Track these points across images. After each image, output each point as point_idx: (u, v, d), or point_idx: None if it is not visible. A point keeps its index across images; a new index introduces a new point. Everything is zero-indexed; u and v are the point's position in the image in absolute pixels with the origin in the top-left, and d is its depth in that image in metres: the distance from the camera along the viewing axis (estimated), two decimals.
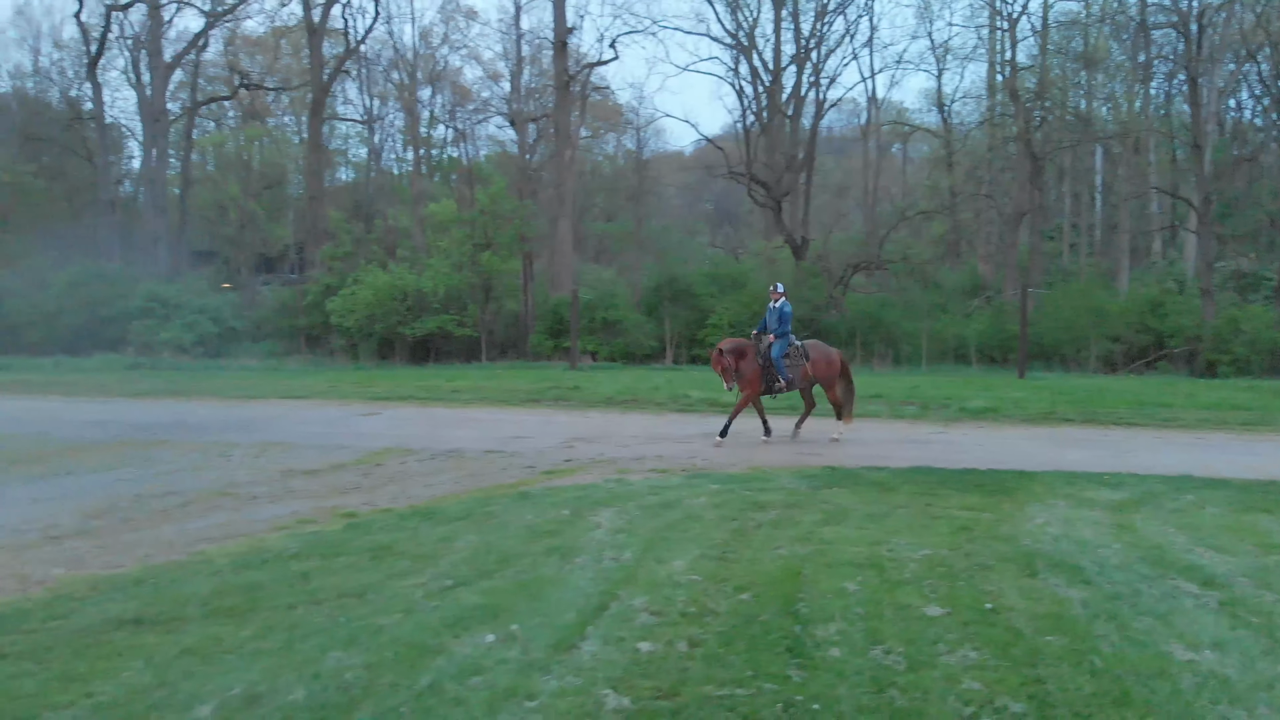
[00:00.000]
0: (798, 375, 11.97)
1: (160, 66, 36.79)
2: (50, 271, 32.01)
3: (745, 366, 11.58)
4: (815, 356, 12.09)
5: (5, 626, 4.77)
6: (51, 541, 6.69)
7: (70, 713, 3.69)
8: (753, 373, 11.64)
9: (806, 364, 11.95)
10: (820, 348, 12.43)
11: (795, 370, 11.92)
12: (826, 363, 12.16)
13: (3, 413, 14.28)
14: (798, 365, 11.93)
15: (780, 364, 11.76)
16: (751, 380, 11.63)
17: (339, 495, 8.26)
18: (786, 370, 11.80)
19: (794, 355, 11.95)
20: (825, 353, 12.31)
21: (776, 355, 11.76)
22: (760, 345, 11.87)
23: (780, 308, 11.94)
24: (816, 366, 12.04)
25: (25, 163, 39.21)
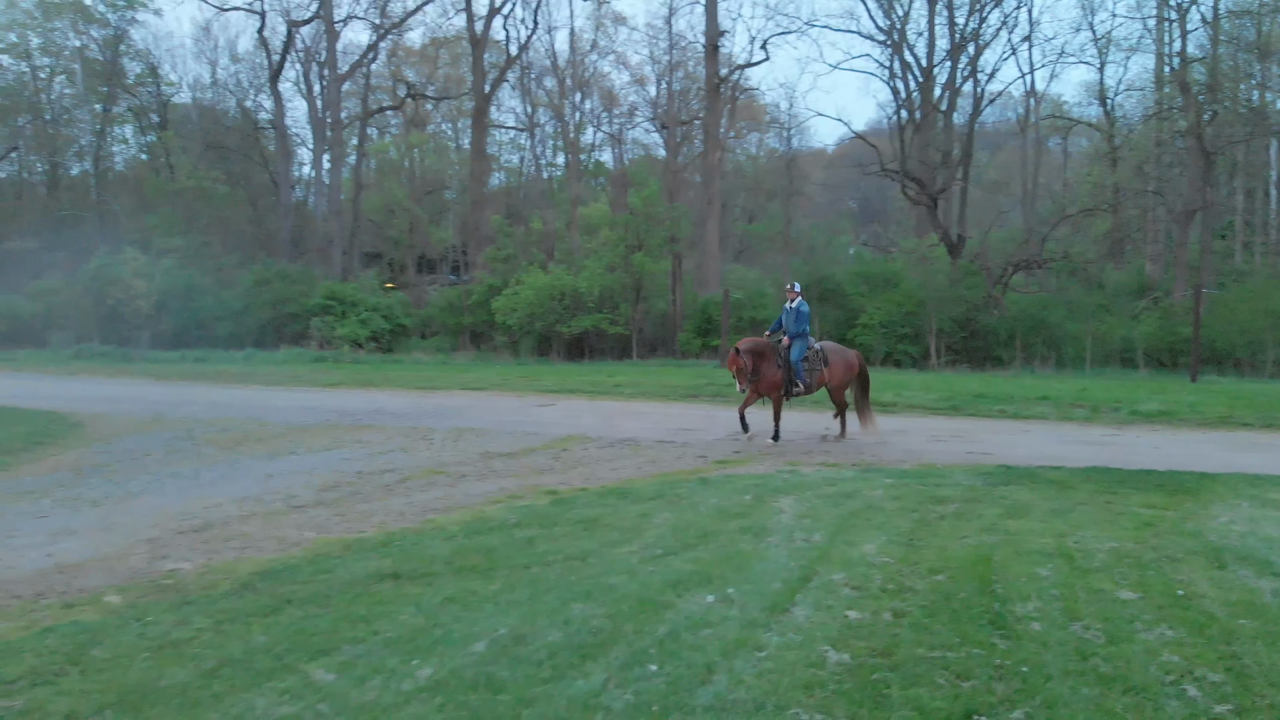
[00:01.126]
0: (815, 380, 11.61)
1: (334, 78, 39.35)
2: (236, 271, 34.87)
3: (767, 369, 11.22)
4: (834, 361, 11.75)
5: (282, 578, 5.61)
6: (296, 510, 7.64)
7: (365, 645, 4.40)
8: (775, 376, 11.30)
9: (825, 370, 11.63)
10: (838, 351, 12.09)
11: (814, 375, 11.57)
12: (845, 366, 11.83)
13: (217, 400, 15.85)
14: (816, 370, 11.59)
15: (799, 367, 11.41)
16: (775, 384, 11.31)
17: (536, 475, 9.00)
18: (805, 374, 11.47)
19: (812, 359, 11.60)
20: (844, 356, 11.98)
21: (796, 358, 11.41)
22: (779, 347, 11.51)
23: (798, 307, 11.54)
24: (834, 371, 11.72)
25: (208, 169, 42.52)
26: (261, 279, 31.67)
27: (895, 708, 3.59)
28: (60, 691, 3.89)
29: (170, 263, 31.20)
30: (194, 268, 33.09)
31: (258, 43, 45.76)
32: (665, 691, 3.71)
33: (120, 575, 5.78)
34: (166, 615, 4.86)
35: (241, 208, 43.51)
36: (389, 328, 30.81)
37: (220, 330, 30.80)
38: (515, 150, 53.63)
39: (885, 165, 32.87)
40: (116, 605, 5.15)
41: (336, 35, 39.08)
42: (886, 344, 26.18)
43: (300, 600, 5.08)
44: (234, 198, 42.05)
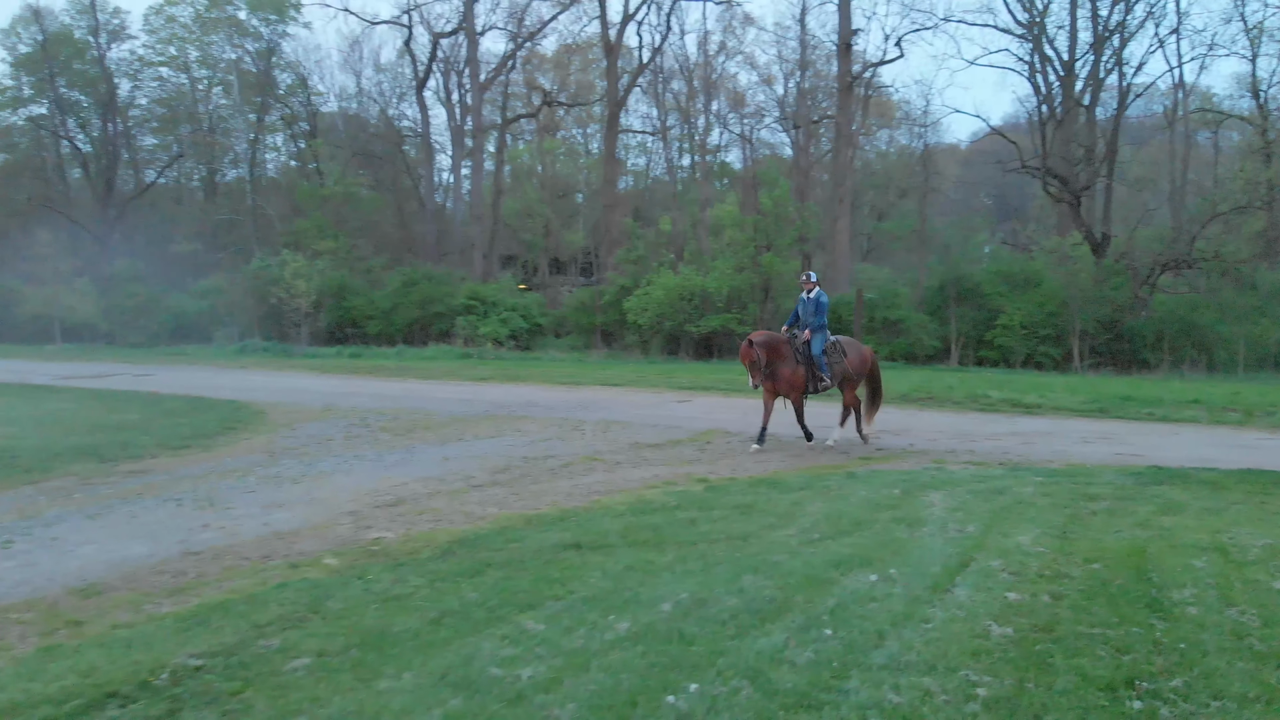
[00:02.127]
0: (837, 373, 11.25)
1: (475, 87, 40.96)
2: (384, 272, 36.79)
3: (784, 368, 10.77)
4: (850, 354, 11.46)
5: (478, 546, 6.23)
6: (475, 489, 8.33)
7: (564, 602, 4.93)
8: (794, 374, 10.85)
9: (845, 362, 11.31)
10: (854, 345, 11.81)
11: (836, 368, 11.21)
12: (860, 360, 11.53)
13: (380, 392, 16.97)
14: (838, 362, 11.24)
15: (822, 360, 11.01)
16: (795, 383, 10.88)
17: (686, 464, 9.48)
18: (828, 366, 11.09)
19: (832, 351, 11.27)
20: (859, 350, 11.72)
21: (818, 352, 10.99)
22: (796, 341, 11.04)
23: (816, 298, 11.10)
24: (852, 364, 11.42)
25: (355, 175, 44.79)
26: (409, 280, 33.35)
27: (1059, 673, 3.86)
28: (308, 634, 4.55)
29: (324, 264, 33.19)
30: (345, 269, 35.09)
31: (400, 54, 48.22)
32: (842, 651, 4.08)
33: (332, 541, 6.53)
34: (384, 575, 5.53)
35: (386, 212, 45.72)
36: (526, 326, 31.99)
37: (371, 328, 32.59)
38: (643, 153, 54.50)
39: (1025, 162, 32.05)
40: (336, 566, 5.86)
41: (477, 45, 40.67)
42: (1027, 346, 25.62)
43: (498, 564, 5.68)
44: (378, 202, 44.24)
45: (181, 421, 11.94)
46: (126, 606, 5.12)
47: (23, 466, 8.97)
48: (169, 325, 33.73)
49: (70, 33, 48.21)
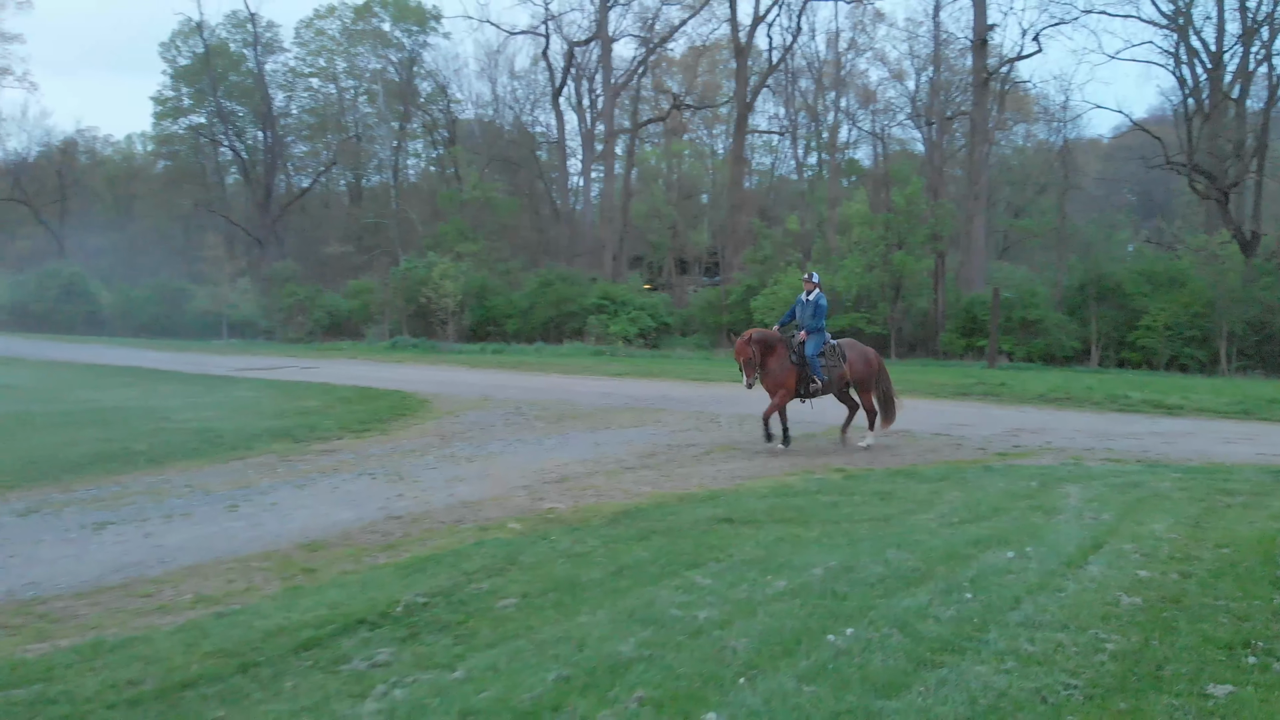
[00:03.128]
0: (834, 377, 11.03)
1: (608, 93, 42.13)
2: (521, 274, 38.32)
3: (777, 366, 10.63)
4: (852, 357, 11.24)
5: (639, 517, 6.93)
6: (627, 470, 9.07)
7: (725, 564, 5.56)
8: (786, 374, 10.66)
9: (844, 365, 11.09)
10: (857, 347, 11.59)
11: (832, 371, 10.99)
12: (864, 363, 11.30)
13: (526, 385, 18.00)
14: (834, 366, 11.02)
15: (816, 363, 10.80)
16: (785, 382, 10.68)
17: (823, 456, 9.99)
18: (823, 370, 10.86)
19: (830, 354, 11.03)
20: (862, 352, 11.48)
21: (812, 353, 10.78)
22: (792, 341, 10.89)
23: (815, 299, 10.88)
24: (854, 368, 11.17)
25: (491, 180, 46.58)
26: (545, 281, 34.70)
27: (1182, 635, 4.26)
28: (510, 580, 5.33)
29: (466, 266, 34.88)
30: (485, 270, 36.75)
31: (534, 61, 49.98)
32: (981, 611, 4.58)
33: (512, 510, 7.36)
34: (564, 537, 6.29)
35: (522, 215, 47.47)
36: (654, 325, 32.84)
37: (510, 326, 34.09)
38: (769, 152, 54.65)
39: (1170, 157, 30.89)
40: (520, 530, 6.67)
41: (610, 52, 41.79)
42: (1171, 347, 24.84)
43: (661, 532, 6.37)
44: (514, 206, 45.95)
45: (357, 408, 13.17)
46: (347, 559, 6.04)
47: (228, 444, 10.21)
48: (323, 322, 36.05)
49: (226, 46, 51.91)
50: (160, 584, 5.45)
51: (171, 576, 5.59)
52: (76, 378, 17.49)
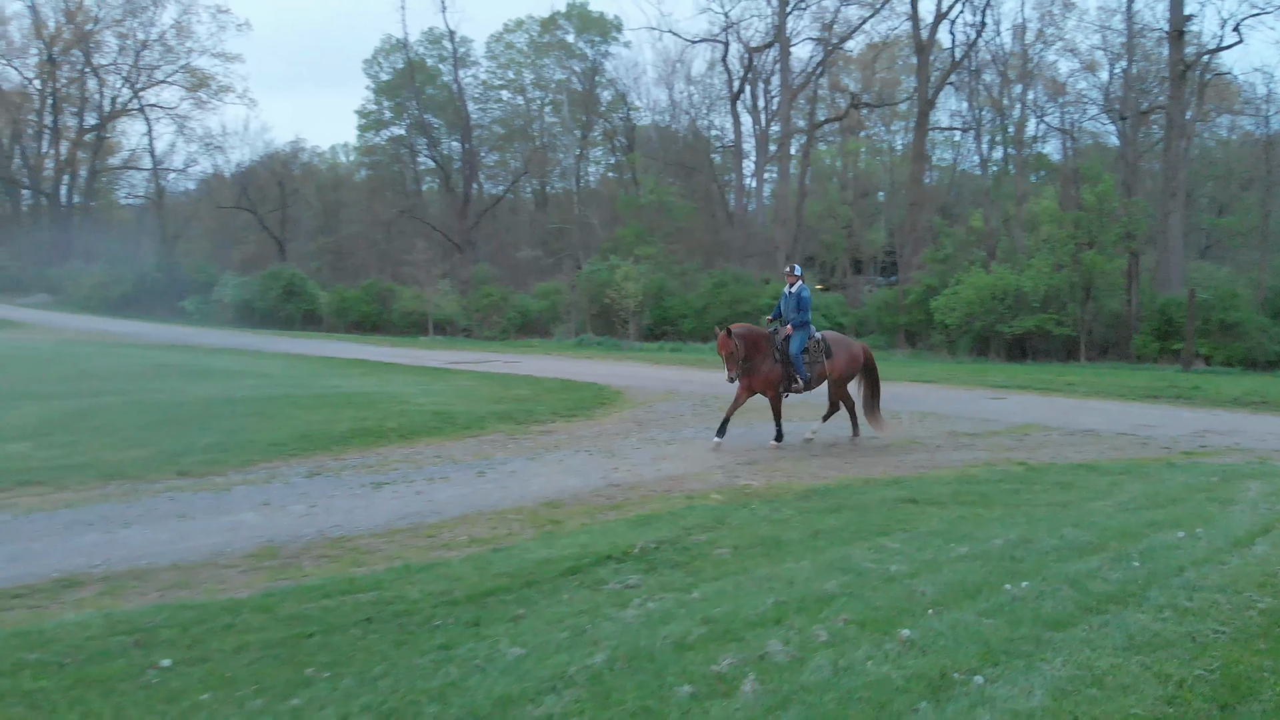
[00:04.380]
0: (816, 374, 10.80)
1: (785, 96, 42.64)
2: (695, 275, 39.41)
3: (761, 364, 10.44)
4: (837, 353, 11.04)
5: (827, 495, 7.74)
6: (813, 457, 9.91)
7: (911, 533, 6.29)
8: (771, 372, 10.51)
9: (826, 362, 10.90)
10: (842, 342, 11.37)
11: (814, 368, 10.77)
12: (849, 359, 11.15)
13: (707, 379, 18.92)
14: (818, 363, 10.81)
15: (799, 361, 10.60)
16: (771, 380, 10.54)
17: (1004, 451, 10.44)
18: (806, 368, 10.65)
19: (814, 351, 10.82)
20: (848, 348, 11.28)
21: (795, 351, 10.60)
22: (776, 338, 10.69)
23: (798, 292, 10.71)
24: (837, 364, 11.01)
25: (668, 185, 47.87)
26: (719, 282, 35.66)
27: None
28: (722, 535, 6.28)
29: (645, 268, 36.31)
30: (662, 272, 38.10)
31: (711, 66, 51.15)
32: (1146, 576, 5.15)
33: (712, 484, 8.35)
34: (762, 507, 7.20)
35: (696, 218, 48.67)
36: (829, 326, 33.09)
37: (685, 326, 35.26)
38: (950, 148, 53.49)
39: None
40: (721, 500, 7.63)
41: (789, 55, 42.30)
42: None
43: (850, 507, 7.18)
44: (689, 209, 47.19)
45: (562, 397, 14.54)
46: (583, 515, 7.18)
47: (462, 424, 11.68)
48: (516, 321, 38.39)
49: (424, 61, 55.71)
50: (438, 529, 6.74)
51: (446, 524, 6.88)
52: (316, 368, 19.85)
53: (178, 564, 5.78)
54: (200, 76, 54.03)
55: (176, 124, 54.67)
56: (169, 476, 8.30)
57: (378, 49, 57.01)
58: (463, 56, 55.54)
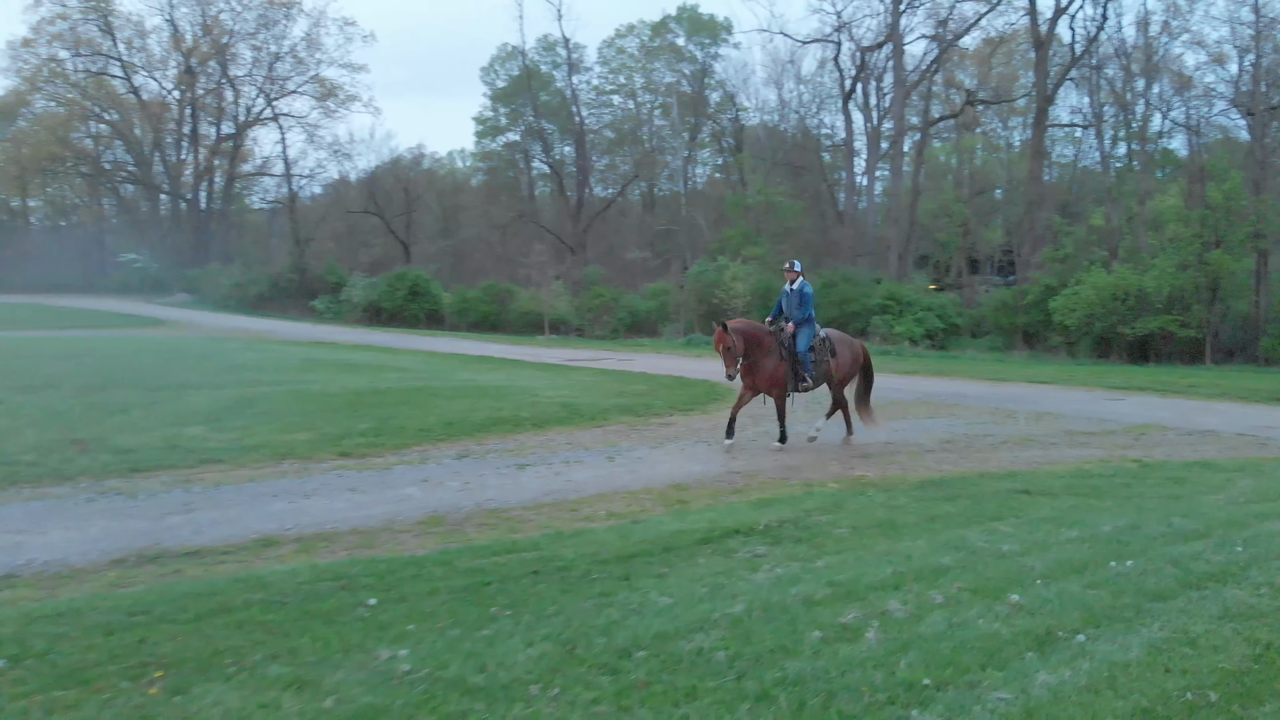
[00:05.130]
0: (822, 372, 10.54)
1: (899, 95, 42.31)
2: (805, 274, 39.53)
3: (765, 362, 10.13)
4: (841, 351, 10.82)
5: (942, 486, 8.13)
6: (927, 452, 10.25)
7: (1022, 519, 6.66)
8: (776, 369, 10.20)
9: (832, 361, 10.66)
10: (844, 339, 11.12)
11: (821, 367, 10.52)
12: (852, 359, 10.97)
13: None
14: (824, 361, 10.56)
15: (807, 359, 10.33)
16: (777, 379, 10.24)
17: (1119, 449, 10.57)
18: (813, 365, 10.39)
19: (819, 349, 10.54)
20: (850, 344, 11.09)
21: (803, 349, 10.31)
22: (781, 336, 10.34)
23: (800, 288, 10.42)
24: (841, 363, 10.79)
25: (776, 185, 47.96)
26: (829, 282, 35.73)
27: None
28: (840, 517, 6.78)
29: (752, 268, 36.67)
30: (770, 272, 38.35)
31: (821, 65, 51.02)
32: (1247, 558, 5.45)
33: (828, 474, 8.84)
34: (878, 494, 7.67)
35: (805, 217, 48.66)
36: (942, 326, 32.88)
37: None
38: (1070, 144, 51.99)
39: None
40: (837, 488, 8.12)
41: (902, 54, 41.96)
42: None
43: (964, 496, 7.58)
44: (797, 209, 47.24)
45: (678, 393, 15.18)
46: (707, 497, 7.78)
47: (587, 415, 12.42)
48: (626, 321, 39.28)
49: (538, 68, 57.28)
50: (579, 504, 7.45)
51: (585, 500, 7.59)
52: (447, 363, 21.04)
53: (357, 529, 6.63)
54: (328, 86, 56.92)
55: (307, 132, 57.72)
56: (333, 457, 9.27)
57: (494, 57, 58.96)
58: (576, 62, 56.88)
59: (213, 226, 59.36)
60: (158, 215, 62.49)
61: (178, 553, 5.97)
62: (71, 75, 58.26)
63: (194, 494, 7.65)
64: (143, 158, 60.42)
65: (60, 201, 68.15)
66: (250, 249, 54.94)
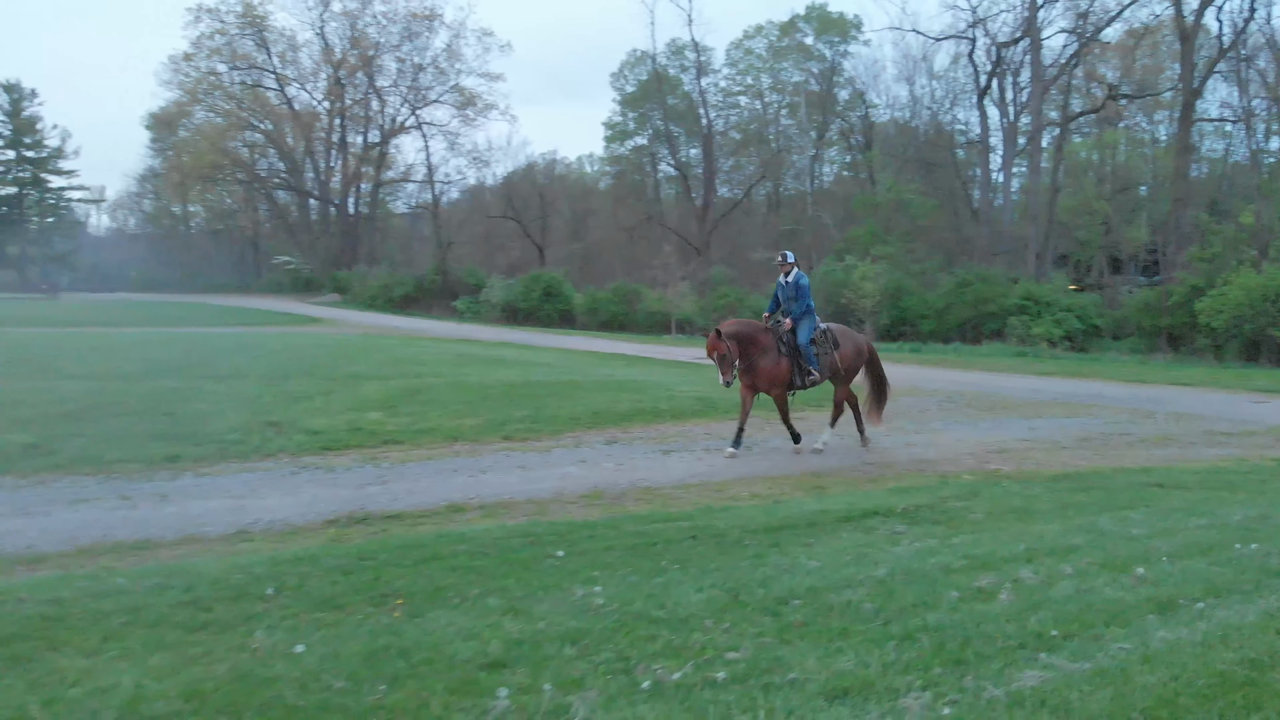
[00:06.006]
0: (826, 365, 10.13)
1: (1037, 89, 41.25)
2: (936, 274, 39.05)
3: (764, 360, 9.68)
4: (844, 344, 10.38)
5: (1078, 479, 8.42)
6: (1063, 449, 10.47)
7: (1153, 509, 6.94)
8: (777, 367, 9.76)
9: (835, 354, 10.20)
10: (848, 334, 10.65)
11: (824, 360, 10.12)
12: (856, 352, 10.50)
13: (952, 379, 19.33)
14: (826, 353, 10.13)
15: (809, 352, 9.94)
16: (777, 377, 9.81)
17: (1259, 449, 10.54)
18: (816, 358, 10.00)
19: (821, 341, 10.14)
20: (854, 340, 10.62)
21: (804, 341, 9.93)
22: (779, 330, 9.94)
23: (795, 280, 10.02)
24: (845, 356, 10.33)
25: (906, 182, 47.36)
26: (963, 281, 35.29)
27: None
28: (974, 503, 7.18)
29: (882, 267, 36.50)
30: (900, 272, 38.08)
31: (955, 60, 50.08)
32: None
33: (962, 467, 9.21)
34: (1013, 486, 8.04)
35: (937, 215, 47.89)
36: (1082, 328, 32.00)
37: (924, 326, 35.16)
38: (1220, 138, 49.45)
39: None
40: (972, 480, 8.49)
41: (1040, 49, 40.91)
42: None
43: (1098, 488, 7.89)
44: (929, 207, 46.56)
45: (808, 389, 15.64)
46: (843, 485, 8.31)
47: (722, 409, 13.04)
48: None
49: (666, 71, 58.18)
50: (722, 486, 8.11)
51: (728, 483, 8.25)
52: (585, 360, 22.06)
53: (531, 499, 7.48)
54: (467, 95, 59.37)
55: (448, 140, 60.38)
56: (498, 440, 10.21)
57: (624, 63, 60.27)
58: (704, 65, 57.54)
59: (359, 230, 62.78)
60: (308, 219, 66.48)
61: (381, 516, 6.92)
62: (229, 87, 62.67)
63: (383, 469, 8.68)
64: (294, 165, 64.45)
65: (218, 207, 73.40)
66: (395, 252, 57.83)
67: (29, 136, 69.11)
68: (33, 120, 69.28)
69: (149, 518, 6.77)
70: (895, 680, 3.57)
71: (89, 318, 36.64)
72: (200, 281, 67.04)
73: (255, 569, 5.22)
